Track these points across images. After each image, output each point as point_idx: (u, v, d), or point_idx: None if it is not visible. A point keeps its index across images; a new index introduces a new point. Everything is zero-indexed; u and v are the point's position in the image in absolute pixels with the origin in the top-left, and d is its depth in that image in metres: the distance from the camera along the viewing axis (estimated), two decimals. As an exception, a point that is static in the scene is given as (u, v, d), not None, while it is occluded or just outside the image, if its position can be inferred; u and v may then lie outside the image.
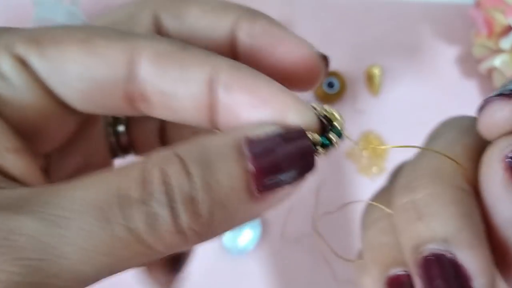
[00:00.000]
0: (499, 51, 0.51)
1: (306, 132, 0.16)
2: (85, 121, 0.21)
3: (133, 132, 0.25)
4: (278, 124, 0.15)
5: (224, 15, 0.20)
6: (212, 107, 0.16)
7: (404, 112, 0.55)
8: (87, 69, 0.17)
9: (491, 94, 0.15)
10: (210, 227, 0.14)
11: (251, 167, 0.14)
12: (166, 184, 0.14)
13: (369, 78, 0.55)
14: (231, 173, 0.14)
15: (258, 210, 0.15)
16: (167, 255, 0.14)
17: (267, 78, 0.16)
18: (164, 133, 0.25)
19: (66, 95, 0.17)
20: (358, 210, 0.24)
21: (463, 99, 0.55)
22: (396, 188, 0.18)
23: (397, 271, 0.17)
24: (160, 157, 0.14)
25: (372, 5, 0.57)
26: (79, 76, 0.17)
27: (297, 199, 0.49)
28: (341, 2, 0.58)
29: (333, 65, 0.55)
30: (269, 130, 0.15)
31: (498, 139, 0.15)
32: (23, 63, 0.17)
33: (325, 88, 0.53)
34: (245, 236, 0.50)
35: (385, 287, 0.17)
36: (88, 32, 0.17)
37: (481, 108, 0.16)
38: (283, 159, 0.15)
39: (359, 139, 0.54)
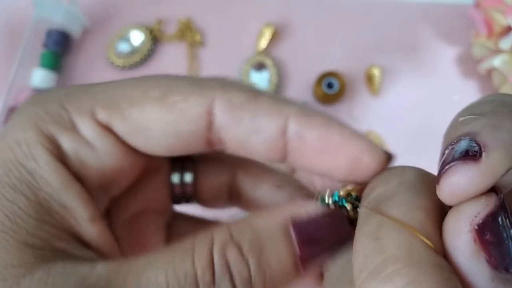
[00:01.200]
0: (498, 51, 0.51)
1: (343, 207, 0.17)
2: (150, 167, 0.22)
3: (200, 182, 0.24)
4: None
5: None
6: (286, 151, 0.18)
7: (404, 112, 0.55)
8: (169, 126, 0.18)
9: (450, 158, 0.14)
10: None
11: (298, 251, 0.16)
12: (229, 271, 0.16)
13: (369, 79, 0.55)
14: (281, 257, 0.16)
15: (302, 277, 0.17)
16: None
17: (339, 123, 0.18)
18: (234, 189, 0.24)
19: (152, 149, 0.19)
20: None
21: (463, 99, 0.55)
22: (360, 273, 0.14)
23: None
24: (222, 241, 0.16)
25: (371, 6, 0.57)
26: (162, 132, 0.18)
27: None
28: (340, 2, 0.57)
29: (333, 66, 0.55)
30: (312, 211, 0.17)
31: (462, 205, 0.13)
32: (106, 128, 0.18)
33: (324, 88, 0.53)
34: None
35: None
36: (163, 88, 0.18)
37: (443, 173, 0.14)
38: (325, 244, 0.17)
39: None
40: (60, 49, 0.53)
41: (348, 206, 0.17)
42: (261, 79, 0.55)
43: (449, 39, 0.57)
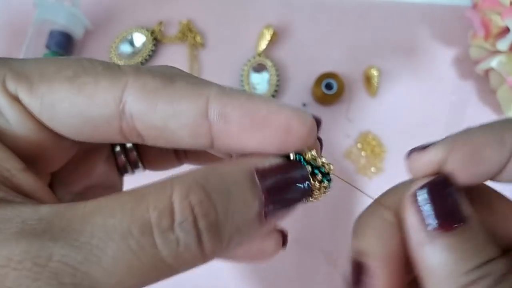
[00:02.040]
0: (496, 52, 0.51)
1: (305, 158, 0.18)
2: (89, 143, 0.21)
3: (143, 146, 0.24)
4: (282, 151, 0.17)
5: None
6: (211, 135, 0.17)
7: (402, 113, 0.55)
8: (77, 108, 0.17)
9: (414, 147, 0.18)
10: (227, 249, 0.16)
11: (263, 199, 0.16)
12: (192, 214, 0.15)
13: (367, 79, 0.55)
14: (247, 204, 0.16)
15: (262, 231, 0.17)
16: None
17: (261, 96, 0.17)
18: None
19: (58, 129, 0.18)
20: (358, 207, 0.24)
21: (461, 100, 0.56)
22: None
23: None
24: (184, 185, 0.15)
25: (370, 7, 0.58)
26: (69, 113, 0.17)
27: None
28: (339, 4, 0.58)
29: (332, 67, 0.55)
30: (274, 161, 0.17)
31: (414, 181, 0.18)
32: (15, 99, 0.18)
33: (323, 89, 0.53)
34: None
35: None
36: (76, 69, 0.18)
37: (407, 157, 0.19)
38: (287, 191, 0.17)
39: (357, 140, 0.55)
40: (62, 50, 0.53)
41: (309, 168, 0.17)
42: (261, 80, 0.55)
43: (447, 40, 0.57)
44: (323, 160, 0.18)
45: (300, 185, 0.17)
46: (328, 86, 0.54)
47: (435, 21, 0.58)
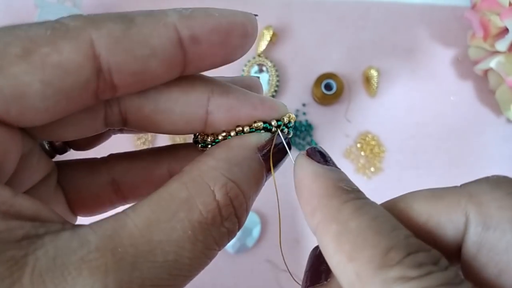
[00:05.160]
0: (495, 52, 0.51)
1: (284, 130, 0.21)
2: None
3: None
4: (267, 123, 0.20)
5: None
6: (184, 61, 0.18)
7: (401, 113, 0.56)
8: (48, 86, 0.16)
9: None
10: None
11: (266, 169, 0.20)
12: (233, 207, 0.18)
13: (367, 80, 0.55)
14: (260, 180, 0.19)
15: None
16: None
17: (214, 10, 0.18)
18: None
19: (26, 120, 0.16)
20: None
21: (459, 100, 0.56)
22: None
23: None
24: (221, 183, 0.17)
25: (369, 8, 0.58)
26: (41, 96, 0.16)
27: (296, 199, 0.49)
28: (338, 4, 0.58)
29: (331, 67, 0.56)
30: (265, 138, 0.20)
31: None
32: None
33: (323, 89, 0.54)
34: (244, 235, 0.50)
35: None
36: (22, 43, 0.15)
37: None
38: (280, 157, 0.20)
39: (356, 140, 0.55)
40: (63, 50, 0.53)
41: (286, 130, 0.21)
42: (261, 81, 0.55)
43: (446, 40, 0.57)
44: (292, 116, 0.21)
45: (280, 146, 0.20)
46: (328, 87, 0.54)
47: (434, 21, 0.58)
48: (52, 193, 0.21)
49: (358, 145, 0.55)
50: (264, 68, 0.55)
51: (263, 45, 0.55)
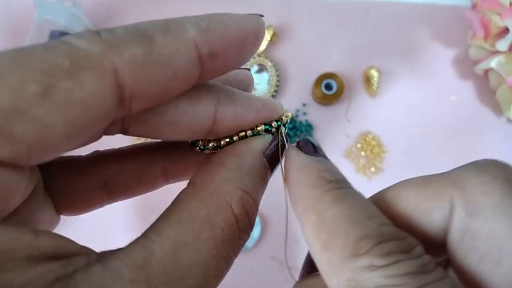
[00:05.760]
0: (495, 52, 0.51)
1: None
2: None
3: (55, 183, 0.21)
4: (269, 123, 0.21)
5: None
6: (200, 74, 0.18)
7: (402, 113, 0.56)
8: (70, 125, 0.14)
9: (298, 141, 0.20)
10: None
11: (270, 170, 0.20)
12: (248, 218, 0.18)
13: (367, 80, 0.55)
14: (265, 184, 0.20)
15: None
16: None
17: (227, 15, 0.18)
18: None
19: (44, 161, 0.15)
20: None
21: (460, 100, 0.56)
22: None
23: None
24: (237, 197, 0.18)
25: (369, 8, 0.58)
26: (64, 135, 0.14)
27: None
28: (339, 4, 0.58)
29: (331, 67, 0.56)
30: (267, 140, 0.20)
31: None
32: None
33: (323, 89, 0.54)
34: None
35: None
36: (40, 79, 0.14)
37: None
38: (276, 158, 0.21)
39: (357, 140, 0.55)
40: (62, 50, 0.53)
41: (283, 129, 0.21)
42: (261, 81, 0.55)
43: (447, 40, 0.57)
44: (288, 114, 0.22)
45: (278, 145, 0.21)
46: (328, 86, 0.54)
47: (434, 21, 0.58)
48: (42, 202, 0.20)
49: (359, 145, 0.55)
50: (264, 68, 0.55)
51: (263, 45, 0.55)
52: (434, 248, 0.16)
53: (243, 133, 0.20)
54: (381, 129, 0.55)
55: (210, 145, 0.21)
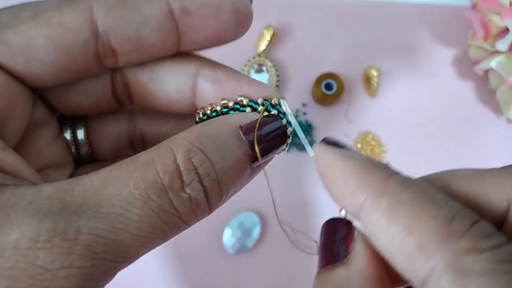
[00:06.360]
0: (495, 52, 0.51)
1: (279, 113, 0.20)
2: (37, 120, 0.21)
3: (95, 138, 0.24)
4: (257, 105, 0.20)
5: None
6: (178, 33, 0.20)
7: (402, 113, 0.56)
8: (50, 40, 0.18)
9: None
10: (226, 199, 0.18)
11: (249, 151, 0.19)
12: (197, 174, 0.17)
13: (367, 80, 0.55)
14: (238, 158, 0.18)
15: (249, 180, 0.20)
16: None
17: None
18: (134, 135, 0.24)
19: (36, 71, 0.18)
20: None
21: (460, 100, 0.56)
22: None
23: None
24: (185, 149, 0.17)
25: (369, 8, 0.58)
26: (44, 49, 0.18)
27: (296, 198, 0.49)
28: (339, 4, 0.58)
29: (331, 67, 0.56)
30: (251, 118, 0.19)
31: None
32: None
33: (323, 89, 0.54)
34: (244, 235, 0.50)
35: None
36: (33, 9, 0.18)
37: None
38: (267, 144, 0.19)
39: (357, 140, 0.55)
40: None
41: (274, 111, 0.20)
42: (261, 80, 0.55)
43: (447, 40, 0.57)
44: (281, 101, 0.21)
45: (277, 132, 0.19)
46: (328, 87, 0.54)
47: (434, 21, 0.58)
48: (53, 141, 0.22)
49: (359, 145, 0.55)
50: (264, 68, 0.55)
51: (263, 45, 0.54)
52: None
53: (225, 102, 0.20)
54: (381, 129, 0.55)
55: (206, 115, 0.20)
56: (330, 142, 0.18)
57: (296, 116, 0.55)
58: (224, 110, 0.20)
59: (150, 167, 0.16)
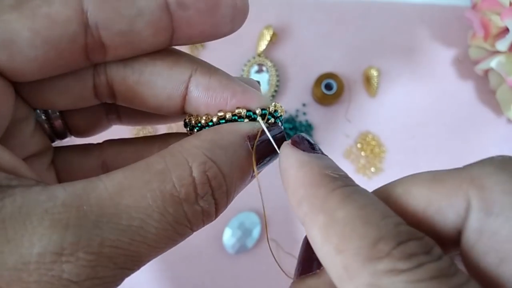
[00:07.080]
0: (495, 52, 0.51)
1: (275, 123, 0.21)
2: (17, 116, 0.20)
3: (70, 112, 0.23)
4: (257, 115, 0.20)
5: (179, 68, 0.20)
6: (172, 27, 0.18)
7: (402, 113, 0.56)
8: (36, 34, 0.17)
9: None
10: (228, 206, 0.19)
11: (255, 160, 0.19)
12: (211, 187, 0.17)
13: (367, 80, 0.55)
14: (244, 168, 0.19)
15: (249, 183, 0.20)
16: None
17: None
18: (111, 109, 0.24)
19: (18, 68, 0.17)
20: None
21: (460, 100, 0.56)
22: None
23: None
24: (200, 161, 0.17)
25: (369, 8, 0.58)
26: (29, 43, 0.17)
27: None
28: (339, 4, 0.58)
29: (331, 67, 0.56)
30: (258, 128, 0.19)
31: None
32: None
33: (323, 89, 0.54)
34: (244, 235, 0.50)
35: None
36: None
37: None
38: (269, 150, 0.20)
39: (357, 140, 0.55)
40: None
41: (272, 119, 0.20)
42: (261, 80, 0.55)
43: (447, 40, 0.57)
44: (281, 108, 0.21)
45: (277, 137, 0.20)
46: (328, 87, 0.54)
47: (434, 21, 0.58)
48: (44, 171, 0.22)
49: (359, 145, 0.55)
50: (264, 68, 0.55)
51: (263, 45, 0.54)
52: (444, 247, 0.15)
53: (222, 114, 0.19)
54: (381, 129, 0.55)
55: (203, 120, 0.20)
56: (299, 143, 0.18)
57: (296, 116, 0.55)
58: (222, 121, 0.20)
59: (167, 179, 0.16)
